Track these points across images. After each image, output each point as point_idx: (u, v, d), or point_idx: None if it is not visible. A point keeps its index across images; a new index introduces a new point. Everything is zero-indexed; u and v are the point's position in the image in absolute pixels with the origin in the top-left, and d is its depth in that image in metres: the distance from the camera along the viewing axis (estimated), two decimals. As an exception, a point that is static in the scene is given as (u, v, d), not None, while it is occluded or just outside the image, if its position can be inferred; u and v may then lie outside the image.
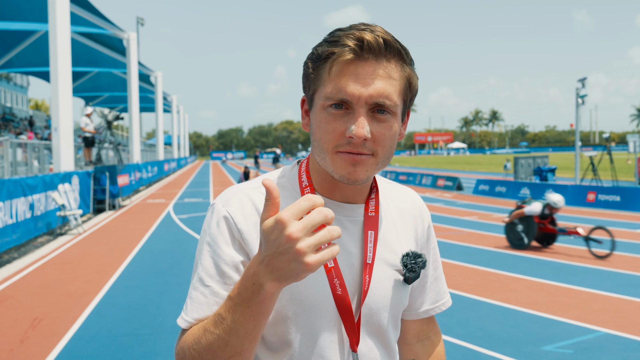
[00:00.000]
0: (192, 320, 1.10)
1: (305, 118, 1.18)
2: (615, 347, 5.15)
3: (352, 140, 1.06)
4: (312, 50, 1.11)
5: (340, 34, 1.07)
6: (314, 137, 1.12)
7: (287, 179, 1.22)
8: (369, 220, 1.19)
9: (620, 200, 17.03)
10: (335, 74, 1.06)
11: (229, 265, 1.11)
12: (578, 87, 21.98)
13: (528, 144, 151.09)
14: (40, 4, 16.14)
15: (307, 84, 1.13)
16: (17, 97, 69.83)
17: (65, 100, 14.95)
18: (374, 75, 1.05)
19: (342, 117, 1.07)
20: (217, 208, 1.16)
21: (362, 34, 1.04)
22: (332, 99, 1.06)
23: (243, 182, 1.28)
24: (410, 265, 1.20)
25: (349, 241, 1.17)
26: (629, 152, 24.75)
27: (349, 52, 1.04)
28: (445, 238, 11.63)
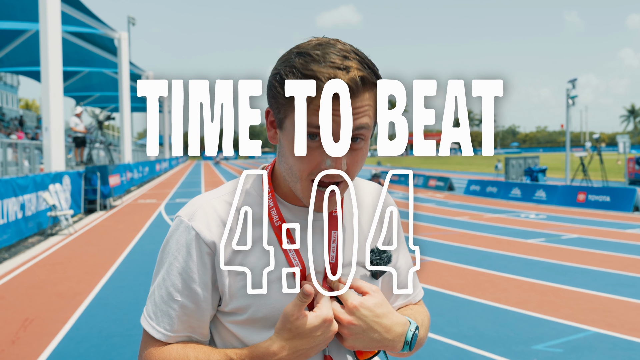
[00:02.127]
0: (164, 332, 1.16)
1: (271, 130, 1.17)
2: (605, 346, 5.20)
3: (326, 172, 1.07)
4: (280, 73, 1.08)
5: (315, 68, 1.04)
6: (285, 160, 1.13)
7: (252, 185, 1.23)
8: (332, 220, 1.21)
9: (610, 201, 17.15)
10: (312, 109, 1.04)
11: (197, 284, 1.15)
12: (568, 88, 22.14)
13: (519, 144, 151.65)
14: (30, 3, 16.04)
15: (276, 105, 1.11)
16: (7, 97, 69.36)
17: (56, 100, 14.87)
18: (350, 112, 1.04)
19: (317, 148, 1.07)
20: (183, 222, 1.17)
21: (338, 74, 1.03)
22: (310, 128, 1.05)
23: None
24: (375, 262, 1.21)
25: (314, 243, 1.18)
26: (619, 153, 24.95)
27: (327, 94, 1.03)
28: (437, 238, 11.68)
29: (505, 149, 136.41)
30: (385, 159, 76.36)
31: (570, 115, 22.71)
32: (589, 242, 11.02)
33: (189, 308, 1.15)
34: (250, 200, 1.20)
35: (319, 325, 1.06)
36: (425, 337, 1.30)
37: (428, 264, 9.03)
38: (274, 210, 1.19)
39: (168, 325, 1.15)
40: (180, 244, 1.16)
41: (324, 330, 1.06)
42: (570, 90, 22.09)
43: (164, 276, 1.16)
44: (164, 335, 1.16)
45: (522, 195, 20.17)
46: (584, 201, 17.85)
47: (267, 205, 1.18)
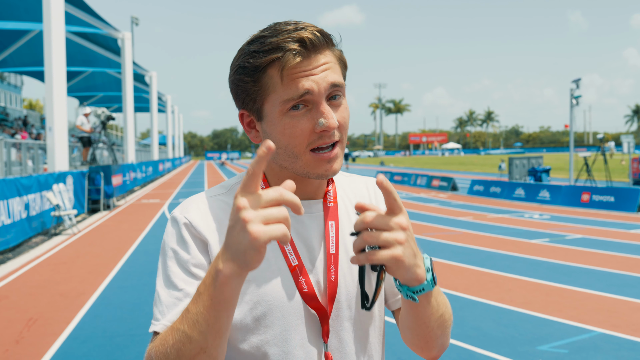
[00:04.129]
0: (168, 322, 1.09)
1: (251, 131, 1.18)
2: (610, 347, 5.18)
3: (324, 134, 1.09)
4: (242, 65, 1.11)
5: (274, 40, 1.07)
6: (277, 145, 1.11)
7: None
8: (329, 211, 1.21)
9: (614, 201, 17.10)
10: (288, 78, 1.07)
11: (196, 267, 1.11)
12: (572, 88, 22.07)
13: (522, 144, 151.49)
14: (34, 3, 16.10)
15: (249, 97, 1.12)
16: (11, 97, 69.55)
17: (60, 100, 14.90)
18: (321, 68, 1.08)
19: (304, 116, 1.08)
20: (176, 217, 1.16)
21: (300, 33, 1.06)
22: (292, 100, 1.07)
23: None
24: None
25: (311, 237, 1.17)
26: (623, 153, 24.89)
27: (297, 55, 1.06)
28: (440, 238, 11.66)
29: (509, 149, 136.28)
30: (388, 160, 76.28)
31: (574, 115, 22.65)
32: (593, 243, 10.99)
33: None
34: None
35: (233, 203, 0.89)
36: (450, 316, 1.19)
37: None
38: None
39: (173, 316, 1.08)
40: (175, 236, 1.14)
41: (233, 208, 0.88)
42: (574, 90, 22.02)
43: (167, 273, 1.13)
44: (166, 326, 1.08)
45: (526, 195, 20.13)
46: (588, 201, 17.80)
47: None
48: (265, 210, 0.87)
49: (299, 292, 1.13)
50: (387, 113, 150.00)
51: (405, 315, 1.16)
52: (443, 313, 1.15)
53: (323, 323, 1.15)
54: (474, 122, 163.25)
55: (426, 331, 1.15)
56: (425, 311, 1.09)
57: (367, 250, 0.97)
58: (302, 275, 1.13)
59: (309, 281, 1.14)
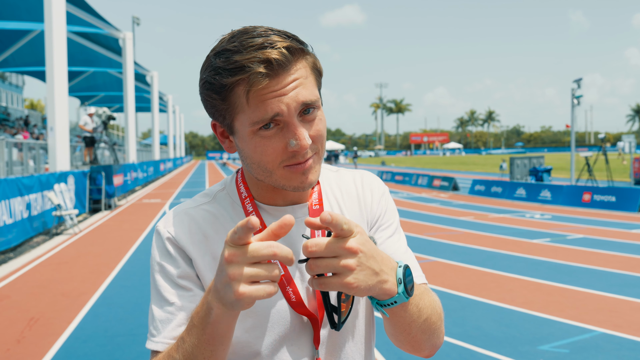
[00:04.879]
0: (163, 339, 1.09)
1: (225, 141, 1.14)
2: (611, 347, 5.18)
3: (296, 153, 1.05)
4: (209, 80, 1.05)
5: (239, 59, 1.00)
6: (250, 160, 1.09)
7: (227, 190, 1.21)
8: (314, 213, 1.18)
9: (615, 201, 17.09)
10: (255, 100, 1.01)
11: (184, 279, 1.11)
12: (574, 88, 22.05)
13: (523, 144, 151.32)
14: (36, 3, 16.11)
15: (219, 113, 1.08)
16: (12, 97, 69.61)
17: (61, 100, 14.92)
18: (291, 86, 1.02)
19: (276, 135, 1.04)
20: (160, 231, 1.15)
21: (265, 53, 0.99)
22: (262, 122, 1.02)
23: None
24: None
25: (298, 242, 1.15)
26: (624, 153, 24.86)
27: (263, 78, 1.00)
28: (442, 238, 11.66)
29: (510, 149, 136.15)
30: (389, 159, 76.26)
31: (575, 115, 22.63)
32: (594, 242, 10.98)
33: (188, 309, 1.10)
34: (227, 205, 1.18)
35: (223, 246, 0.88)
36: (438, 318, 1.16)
37: (433, 264, 9.02)
38: (253, 214, 1.15)
39: (168, 332, 1.09)
40: (161, 251, 1.14)
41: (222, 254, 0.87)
42: (575, 90, 22.00)
43: (157, 288, 1.13)
44: (164, 344, 1.09)
45: (527, 195, 20.12)
46: (590, 201, 17.79)
47: (246, 209, 1.16)
48: (253, 268, 0.85)
49: (286, 301, 1.11)
50: (388, 113, 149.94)
51: (386, 323, 1.13)
52: (428, 317, 1.11)
53: (314, 329, 1.13)
54: (475, 122, 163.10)
55: (409, 337, 1.12)
56: (404, 320, 1.06)
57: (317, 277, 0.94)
58: (290, 285, 1.11)
59: (296, 290, 1.12)
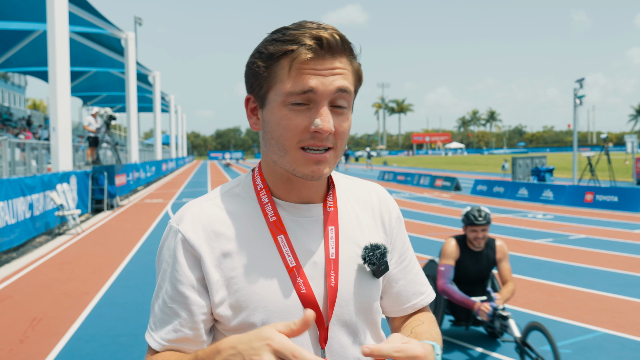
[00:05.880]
0: (160, 340, 1.13)
1: (252, 117, 1.18)
2: (614, 347, 5.17)
3: (316, 135, 1.08)
4: (260, 50, 1.12)
5: (294, 33, 1.08)
6: (270, 135, 1.12)
7: (242, 187, 1.23)
8: (328, 216, 1.20)
9: (618, 201, 17.06)
10: (296, 72, 1.07)
11: (185, 286, 1.12)
12: (576, 88, 22.02)
13: (526, 144, 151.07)
14: (38, 3, 16.13)
15: (257, 82, 1.13)
16: (14, 97, 69.74)
17: (64, 100, 14.94)
18: (332, 71, 1.08)
19: (303, 112, 1.08)
20: (172, 228, 1.17)
21: (319, 32, 1.06)
22: (295, 94, 1.07)
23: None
24: (368, 258, 1.18)
25: (309, 240, 1.17)
26: (627, 153, 24.83)
27: (309, 51, 1.06)
28: (444, 238, 11.64)
29: (512, 149, 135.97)
30: (391, 159, 76.21)
31: (578, 115, 22.61)
32: (596, 243, 10.97)
33: (182, 316, 1.12)
34: (241, 202, 1.19)
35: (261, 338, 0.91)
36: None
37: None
38: (269, 205, 1.17)
39: (164, 334, 1.13)
40: (170, 249, 1.15)
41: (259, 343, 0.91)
42: (577, 89, 21.98)
43: (160, 284, 1.15)
44: (159, 344, 1.13)
45: (529, 195, 20.10)
46: (592, 201, 17.76)
47: (261, 201, 1.18)
48: None
49: (296, 293, 1.12)
50: (390, 113, 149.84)
51: None
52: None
53: (320, 329, 1.14)
54: (477, 121, 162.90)
55: None
56: None
57: None
58: (300, 277, 1.12)
59: (307, 282, 1.13)
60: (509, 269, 4.91)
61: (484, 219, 4.88)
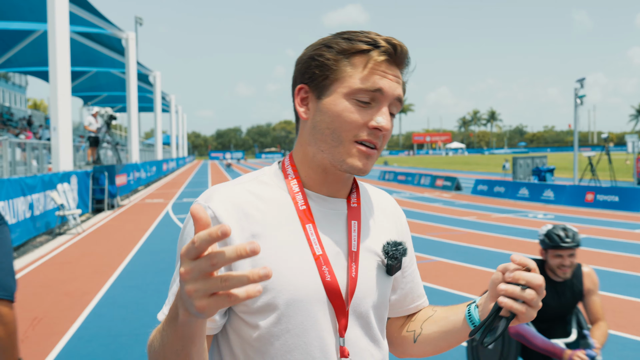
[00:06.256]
0: (163, 315, 1.13)
1: (302, 106, 1.21)
2: (615, 347, 5.16)
3: (375, 132, 1.14)
4: (329, 44, 1.16)
5: (368, 34, 1.15)
6: (326, 124, 1.15)
7: (268, 176, 1.24)
8: (352, 211, 1.25)
9: (618, 201, 17.05)
10: (369, 70, 1.13)
11: None
12: (577, 88, 22.02)
13: (526, 144, 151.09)
14: (39, 3, 16.13)
15: (322, 73, 1.16)
16: (15, 97, 69.78)
17: (64, 100, 14.95)
18: (397, 78, 1.16)
19: (366, 109, 1.14)
20: (200, 205, 1.15)
21: (392, 40, 1.15)
22: (364, 91, 1.13)
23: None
24: (391, 252, 1.24)
25: (333, 232, 1.20)
26: (628, 153, 24.81)
27: (385, 54, 1.13)
28: (444, 238, 11.65)
29: (513, 149, 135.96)
30: (392, 159, 76.23)
31: (579, 115, 22.60)
32: (597, 242, 10.96)
33: None
34: (269, 188, 1.21)
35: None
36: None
37: (435, 263, 9.01)
38: (299, 194, 1.20)
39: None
40: (193, 230, 1.11)
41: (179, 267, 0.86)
42: (578, 89, 21.97)
43: (178, 265, 1.13)
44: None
45: (530, 195, 20.09)
46: (593, 201, 17.76)
47: (291, 189, 1.21)
48: (206, 284, 0.80)
49: (321, 280, 1.15)
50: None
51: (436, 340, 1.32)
52: None
53: (341, 317, 1.17)
54: (478, 121, 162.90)
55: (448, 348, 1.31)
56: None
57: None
58: (325, 265, 1.16)
59: (331, 271, 1.16)
60: (600, 304, 3.77)
61: (572, 241, 3.72)
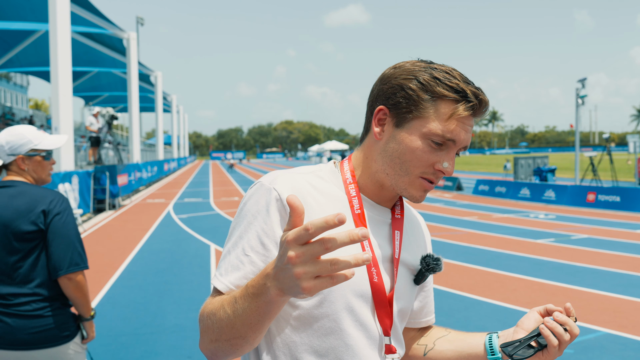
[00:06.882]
0: (228, 283, 1.16)
1: (378, 127, 1.26)
2: (616, 347, 5.16)
3: (438, 173, 1.23)
4: (421, 80, 1.20)
5: (459, 83, 1.19)
6: (397, 154, 1.23)
7: (326, 172, 1.31)
8: (396, 222, 1.33)
9: (620, 201, 17.04)
10: (451, 119, 1.19)
11: (270, 239, 1.17)
12: (578, 88, 21.99)
13: (528, 144, 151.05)
14: (40, 3, 16.14)
15: (407, 106, 1.21)
16: (17, 97, 69.82)
17: (66, 100, 14.94)
18: (470, 128, 1.23)
19: (436, 151, 1.21)
20: (264, 185, 1.21)
21: (481, 95, 1.20)
22: (440, 137, 1.19)
23: None
24: (432, 265, 1.32)
25: (380, 237, 1.28)
26: (629, 153, 24.77)
27: (469, 110, 1.19)
28: (445, 238, 11.64)
29: (514, 149, 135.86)
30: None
31: (580, 115, 22.57)
32: (599, 243, 10.96)
33: (258, 266, 1.16)
34: (326, 184, 1.27)
35: (282, 242, 0.90)
36: None
37: (437, 264, 9.00)
38: (356, 199, 1.27)
39: (234, 279, 1.16)
40: (260, 204, 1.19)
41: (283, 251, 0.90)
42: (579, 89, 21.94)
43: (241, 234, 1.19)
44: (226, 286, 1.16)
45: (531, 195, 20.08)
46: (594, 201, 17.74)
47: (348, 192, 1.27)
48: (315, 266, 0.87)
49: (369, 279, 1.22)
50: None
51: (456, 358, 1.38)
52: None
53: (384, 317, 1.24)
54: (479, 121, 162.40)
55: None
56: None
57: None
58: (374, 267, 1.23)
59: (379, 273, 1.23)
60: None
61: None
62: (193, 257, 9.77)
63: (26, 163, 2.56)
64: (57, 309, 2.48)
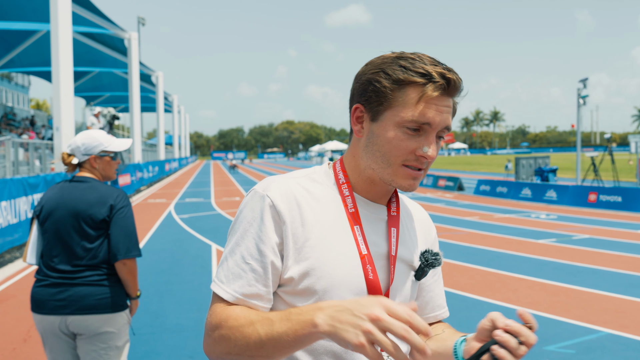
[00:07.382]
0: (233, 292, 1.19)
1: (357, 125, 1.28)
2: (617, 347, 5.16)
3: (420, 159, 1.22)
4: (386, 71, 1.21)
5: (424, 66, 1.18)
6: (377, 147, 1.24)
7: (320, 174, 1.33)
8: (392, 218, 1.33)
9: (621, 201, 17.02)
10: (422, 102, 1.19)
11: (267, 246, 1.20)
12: (579, 88, 21.96)
13: (529, 144, 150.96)
14: (41, 3, 16.15)
15: (377, 99, 1.22)
16: (18, 97, 69.88)
17: (67, 100, 14.95)
18: (448, 108, 1.22)
19: (414, 137, 1.21)
20: (257, 193, 1.25)
21: (447, 74, 1.19)
22: (414, 122, 1.19)
23: None
24: (431, 260, 1.32)
25: (375, 235, 1.30)
26: (631, 153, 24.74)
27: (439, 90, 1.18)
28: (447, 238, 11.64)
29: (515, 149, 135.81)
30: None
31: (581, 115, 22.55)
32: (600, 243, 10.95)
33: (259, 273, 1.20)
34: (321, 187, 1.30)
35: (374, 299, 0.99)
36: None
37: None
38: (349, 198, 1.29)
39: (238, 287, 1.19)
40: (255, 211, 1.23)
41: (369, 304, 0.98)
42: (581, 89, 21.92)
43: (238, 241, 1.23)
44: (232, 296, 1.19)
45: (533, 195, 20.07)
46: (595, 201, 17.73)
47: (342, 192, 1.29)
48: (381, 337, 0.95)
49: (364, 277, 1.23)
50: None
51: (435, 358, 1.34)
52: None
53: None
54: (481, 122, 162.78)
55: None
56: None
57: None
58: (370, 264, 1.25)
59: (374, 270, 1.24)
60: None
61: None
62: (194, 257, 9.78)
63: (97, 162, 3.02)
64: (115, 281, 2.97)
